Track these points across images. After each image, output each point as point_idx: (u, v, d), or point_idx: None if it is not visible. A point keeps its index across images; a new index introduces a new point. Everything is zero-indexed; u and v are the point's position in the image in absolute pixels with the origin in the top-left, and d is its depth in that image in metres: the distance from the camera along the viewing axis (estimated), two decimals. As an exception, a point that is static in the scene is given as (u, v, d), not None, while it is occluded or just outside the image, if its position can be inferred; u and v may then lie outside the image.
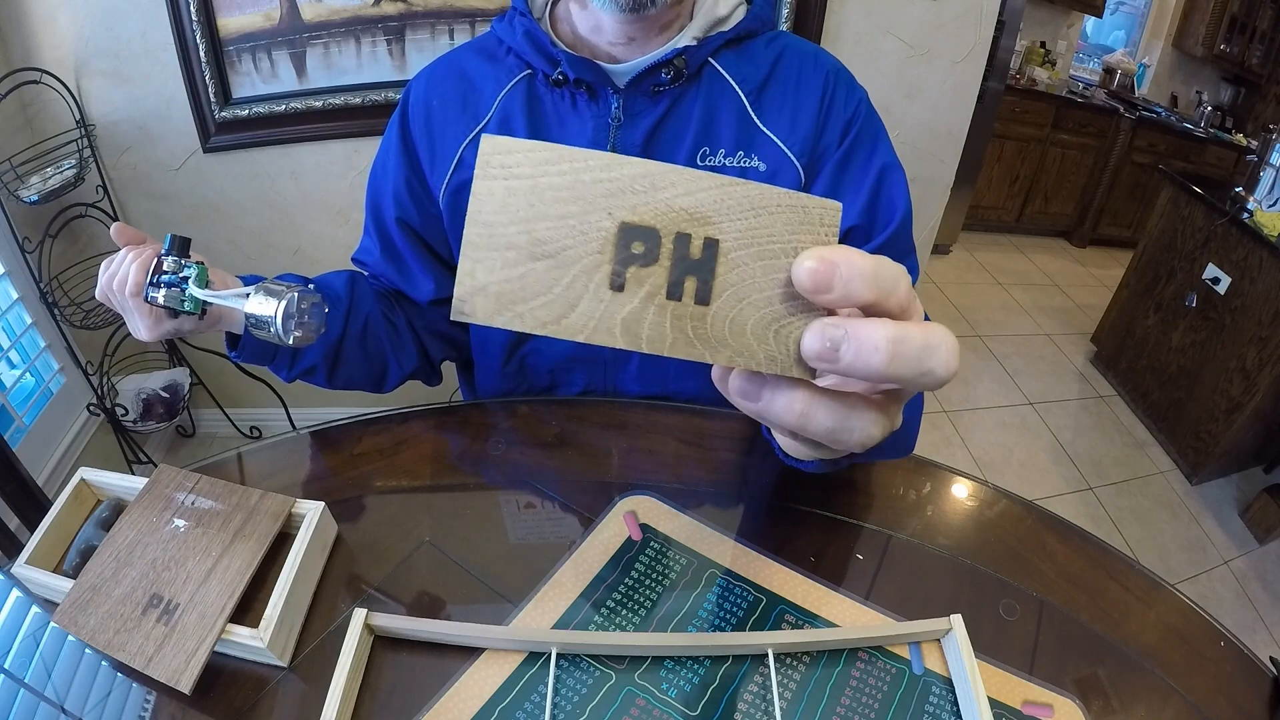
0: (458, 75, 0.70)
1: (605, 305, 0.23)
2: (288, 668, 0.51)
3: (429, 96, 0.71)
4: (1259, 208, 2.03)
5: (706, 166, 0.65)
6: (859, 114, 0.67)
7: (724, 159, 0.65)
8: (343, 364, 0.70)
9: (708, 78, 0.65)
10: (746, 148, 0.66)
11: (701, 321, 0.24)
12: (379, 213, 0.76)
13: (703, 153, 0.66)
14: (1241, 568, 1.91)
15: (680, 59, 0.63)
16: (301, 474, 0.69)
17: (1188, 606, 0.59)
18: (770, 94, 0.66)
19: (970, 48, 1.54)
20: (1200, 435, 2.16)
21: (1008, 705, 0.51)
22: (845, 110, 0.67)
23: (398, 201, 0.73)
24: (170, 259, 0.54)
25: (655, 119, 0.65)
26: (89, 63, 1.47)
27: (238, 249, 1.73)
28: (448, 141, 0.70)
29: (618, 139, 0.65)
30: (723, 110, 0.65)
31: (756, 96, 0.66)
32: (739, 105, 0.65)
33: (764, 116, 0.66)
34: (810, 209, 0.24)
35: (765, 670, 0.51)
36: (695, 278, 0.24)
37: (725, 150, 0.65)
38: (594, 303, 0.23)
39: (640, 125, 0.65)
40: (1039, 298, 3.21)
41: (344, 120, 1.53)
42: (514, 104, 0.67)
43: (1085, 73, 4.02)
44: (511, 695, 0.50)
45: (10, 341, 1.53)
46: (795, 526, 0.63)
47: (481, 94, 0.69)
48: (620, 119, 0.65)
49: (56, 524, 0.58)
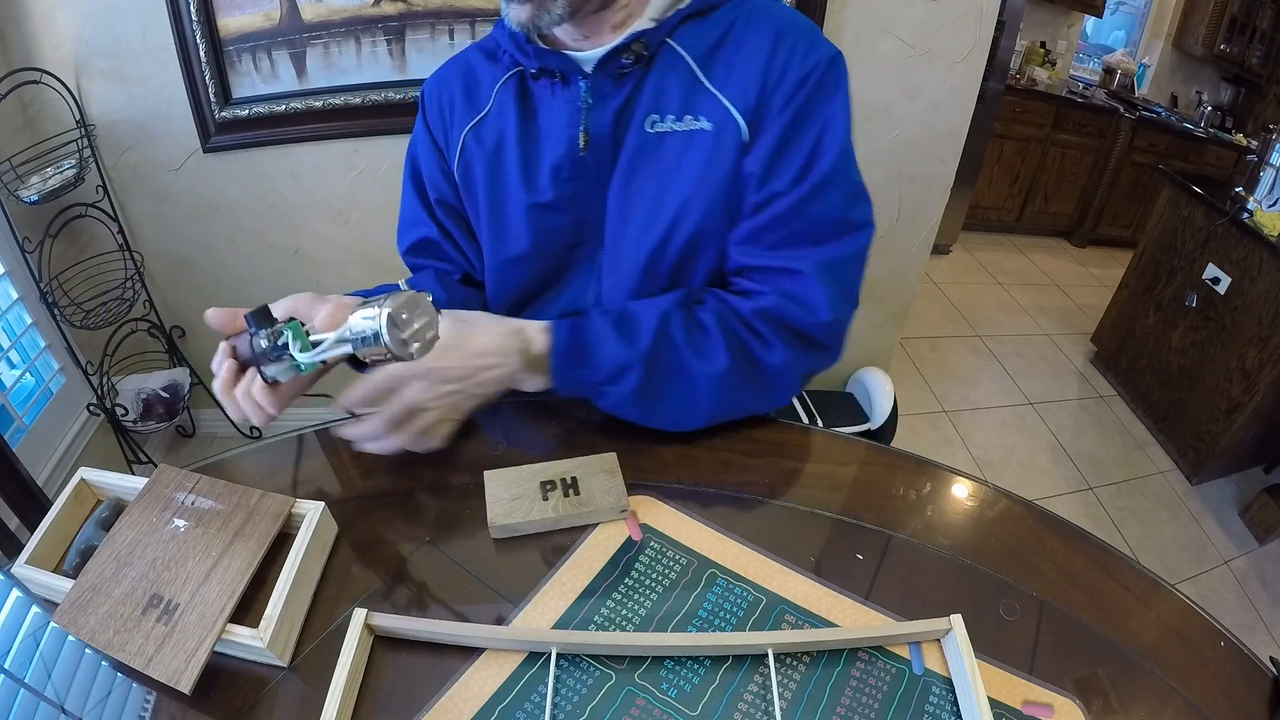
0: (464, 70, 0.77)
1: None
2: (288, 668, 0.51)
3: (440, 90, 0.78)
4: (1259, 208, 2.03)
5: (655, 132, 0.68)
6: (815, 72, 0.65)
7: (673, 124, 0.68)
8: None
9: (662, 54, 0.68)
10: (694, 110, 0.67)
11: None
12: (425, 198, 0.82)
13: (651, 120, 0.68)
14: (1241, 568, 1.92)
15: (639, 43, 0.66)
16: (301, 474, 0.69)
17: (1188, 606, 0.59)
18: (721, 55, 0.67)
19: (970, 48, 1.54)
20: (1200, 435, 2.16)
21: (1008, 705, 0.51)
22: (800, 66, 0.65)
23: (434, 184, 0.80)
24: (263, 336, 0.53)
25: (622, 100, 0.68)
26: (89, 63, 1.47)
27: (238, 249, 1.73)
28: (456, 128, 0.76)
29: (589, 120, 0.69)
30: (671, 79, 0.68)
31: (707, 59, 0.67)
32: (688, 71, 0.67)
33: (713, 77, 0.67)
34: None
35: (765, 670, 0.51)
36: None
37: (674, 115, 0.67)
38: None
39: (608, 106, 0.68)
40: (1039, 298, 3.21)
41: (344, 120, 1.53)
42: (508, 96, 0.73)
43: (1085, 73, 4.02)
44: (511, 695, 0.50)
45: (10, 341, 1.53)
46: (795, 526, 0.63)
47: (482, 87, 0.75)
48: (589, 102, 0.68)
49: (56, 524, 0.58)
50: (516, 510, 0.61)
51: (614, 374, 0.64)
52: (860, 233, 0.68)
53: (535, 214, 0.73)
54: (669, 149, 0.68)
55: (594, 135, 0.69)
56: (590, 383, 0.65)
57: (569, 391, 0.66)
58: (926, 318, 2.89)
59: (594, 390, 0.66)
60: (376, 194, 1.64)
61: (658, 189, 0.69)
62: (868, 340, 2.05)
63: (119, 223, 1.65)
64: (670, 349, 0.65)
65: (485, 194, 0.75)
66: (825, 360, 0.71)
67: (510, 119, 0.72)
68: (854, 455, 0.72)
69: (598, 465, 0.64)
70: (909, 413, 2.32)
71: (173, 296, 1.82)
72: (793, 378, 0.69)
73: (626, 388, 0.64)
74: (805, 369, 0.70)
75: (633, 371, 0.64)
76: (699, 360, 0.65)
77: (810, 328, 0.66)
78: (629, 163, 0.69)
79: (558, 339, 0.64)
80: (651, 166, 0.69)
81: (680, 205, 0.68)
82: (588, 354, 0.64)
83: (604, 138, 0.69)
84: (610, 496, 0.62)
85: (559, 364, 0.64)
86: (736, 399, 0.68)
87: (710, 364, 0.65)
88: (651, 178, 0.69)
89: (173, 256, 1.75)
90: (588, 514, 0.61)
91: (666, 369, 0.65)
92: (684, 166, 0.68)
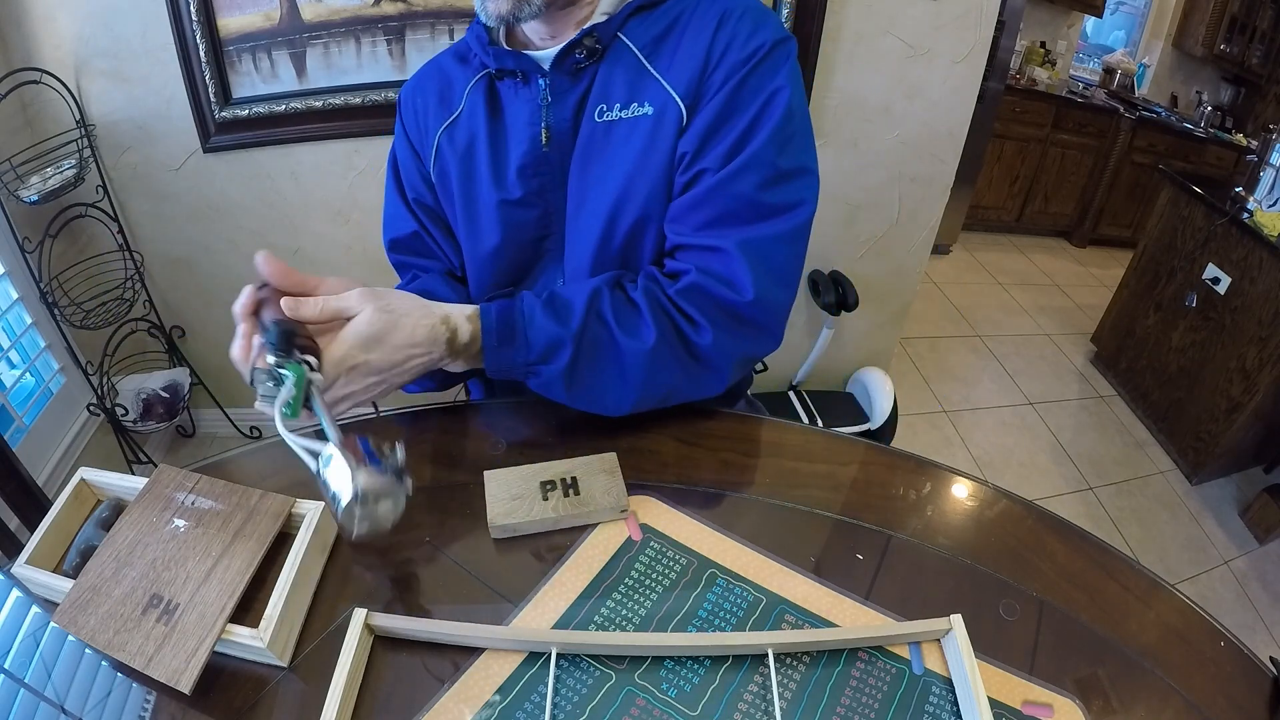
0: (437, 74, 0.79)
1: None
2: (288, 668, 0.51)
3: (415, 95, 0.80)
4: (1259, 208, 2.03)
5: (602, 122, 0.69)
6: (758, 53, 0.65)
7: (619, 112, 0.69)
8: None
9: (614, 48, 0.69)
10: (638, 97, 0.68)
11: None
12: (406, 197, 0.83)
13: (600, 110, 0.69)
14: (1241, 568, 1.92)
15: (590, 37, 0.67)
16: (302, 474, 0.68)
17: (1188, 606, 0.59)
18: (667, 42, 0.68)
19: (970, 48, 1.54)
20: (1200, 435, 2.16)
21: (1008, 705, 0.51)
22: (742, 48, 0.65)
23: (411, 185, 0.82)
24: (270, 356, 0.49)
25: (579, 95, 0.70)
26: (89, 63, 1.47)
27: (238, 249, 1.73)
28: (431, 130, 0.78)
29: (549, 117, 0.70)
30: (618, 70, 0.69)
31: (653, 48, 0.69)
32: (634, 61, 0.69)
33: (657, 63, 0.68)
34: None
35: (765, 670, 0.51)
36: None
37: (620, 104, 0.69)
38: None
39: (567, 102, 0.70)
40: (1039, 298, 3.21)
41: (344, 120, 1.53)
42: (477, 97, 0.75)
43: (1085, 73, 4.02)
44: (511, 695, 0.50)
45: (10, 341, 1.53)
46: (795, 526, 0.63)
47: (454, 90, 0.77)
48: (549, 99, 0.70)
49: (56, 524, 0.58)
50: (516, 510, 0.61)
51: (545, 352, 0.64)
52: (791, 213, 0.67)
53: (505, 210, 0.74)
54: (615, 137, 0.69)
55: (555, 131, 0.70)
56: (520, 362, 0.64)
57: (499, 373, 0.65)
58: (926, 318, 2.89)
59: (525, 370, 0.65)
60: (376, 194, 1.64)
61: (605, 175, 0.70)
62: (868, 340, 2.05)
63: (119, 223, 1.65)
64: (600, 325, 0.65)
65: (460, 193, 0.76)
66: (760, 343, 0.70)
67: (480, 119, 0.74)
68: (854, 455, 0.72)
69: (598, 465, 0.65)
70: (909, 413, 2.32)
71: (173, 296, 1.82)
72: (724, 359, 0.68)
73: (558, 366, 0.64)
74: (736, 351, 0.69)
75: (564, 350, 0.63)
76: (628, 337, 0.64)
77: (736, 305, 0.66)
78: (582, 154, 0.71)
79: (486, 321, 0.64)
80: (600, 155, 0.70)
81: (622, 189, 0.69)
82: (517, 334, 0.64)
83: (564, 133, 0.70)
84: (610, 496, 0.62)
85: (490, 344, 0.64)
86: (668, 378, 0.67)
87: (639, 341, 0.64)
88: (601, 165, 0.70)
89: (173, 256, 1.75)
90: (588, 514, 0.61)
91: (596, 344, 0.64)
92: (627, 152, 0.69)
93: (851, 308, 1.79)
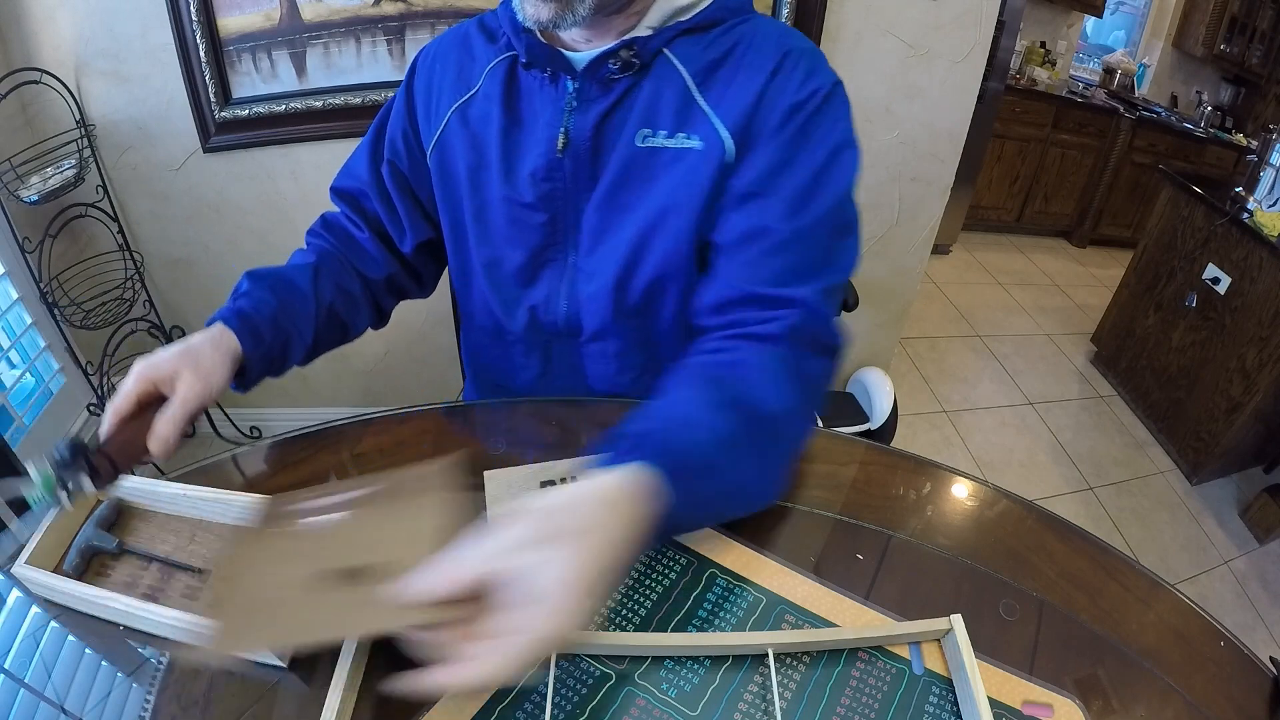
0: (461, 44, 0.76)
1: None
2: (287, 668, 0.51)
3: (434, 64, 0.77)
4: (1259, 208, 2.03)
5: (646, 147, 0.67)
6: (814, 97, 0.65)
7: (664, 139, 0.67)
8: (317, 354, 0.77)
9: (658, 65, 0.67)
10: (686, 127, 0.66)
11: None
12: (380, 154, 0.81)
13: (643, 134, 0.67)
14: (1241, 568, 1.92)
15: (628, 50, 0.65)
16: (302, 474, 0.69)
17: (1188, 606, 0.59)
18: (720, 74, 0.67)
19: (970, 48, 1.54)
20: (1200, 435, 2.16)
21: (1008, 705, 0.51)
22: (797, 93, 0.65)
23: (392, 147, 0.79)
24: (48, 457, 0.52)
25: (607, 106, 0.67)
26: (89, 63, 1.47)
27: (238, 249, 1.73)
28: (443, 103, 0.75)
29: (571, 122, 0.68)
30: (666, 94, 0.67)
31: (705, 77, 0.66)
32: (683, 87, 0.66)
33: (708, 95, 0.66)
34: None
35: (765, 670, 0.51)
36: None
37: (666, 131, 0.67)
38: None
39: (592, 111, 0.67)
40: (1039, 298, 3.21)
41: (344, 120, 1.53)
42: (495, 81, 0.72)
43: (1085, 73, 4.02)
44: (511, 695, 0.50)
45: (10, 341, 1.53)
46: (795, 526, 0.63)
47: (475, 66, 0.74)
48: (574, 104, 0.68)
49: (56, 524, 0.58)
50: None
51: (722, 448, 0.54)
52: (854, 260, 0.68)
53: (513, 209, 0.72)
54: (659, 165, 0.67)
55: (573, 138, 0.68)
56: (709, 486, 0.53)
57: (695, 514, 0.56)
58: (926, 318, 2.89)
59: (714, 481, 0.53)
60: (376, 194, 1.64)
61: (643, 203, 0.68)
62: (868, 340, 2.05)
63: (119, 223, 1.64)
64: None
65: (468, 181, 0.74)
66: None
67: (495, 105, 0.71)
68: (854, 455, 0.72)
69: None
70: (909, 413, 2.32)
71: (173, 296, 1.82)
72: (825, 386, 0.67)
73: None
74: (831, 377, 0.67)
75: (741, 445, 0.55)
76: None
77: (834, 344, 0.65)
78: (618, 175, 0.68)
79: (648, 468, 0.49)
80: (641, 182, 0.68)
81: (656, 217, 0.68)
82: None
83: (583, 142, 0.68)
84: None
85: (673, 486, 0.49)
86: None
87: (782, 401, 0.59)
88: (638, 192, 0.68)
89: (173, 256, 1.75)
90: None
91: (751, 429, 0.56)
92: (670, 182, 0.67)
93: (851, 308, 1.78)
